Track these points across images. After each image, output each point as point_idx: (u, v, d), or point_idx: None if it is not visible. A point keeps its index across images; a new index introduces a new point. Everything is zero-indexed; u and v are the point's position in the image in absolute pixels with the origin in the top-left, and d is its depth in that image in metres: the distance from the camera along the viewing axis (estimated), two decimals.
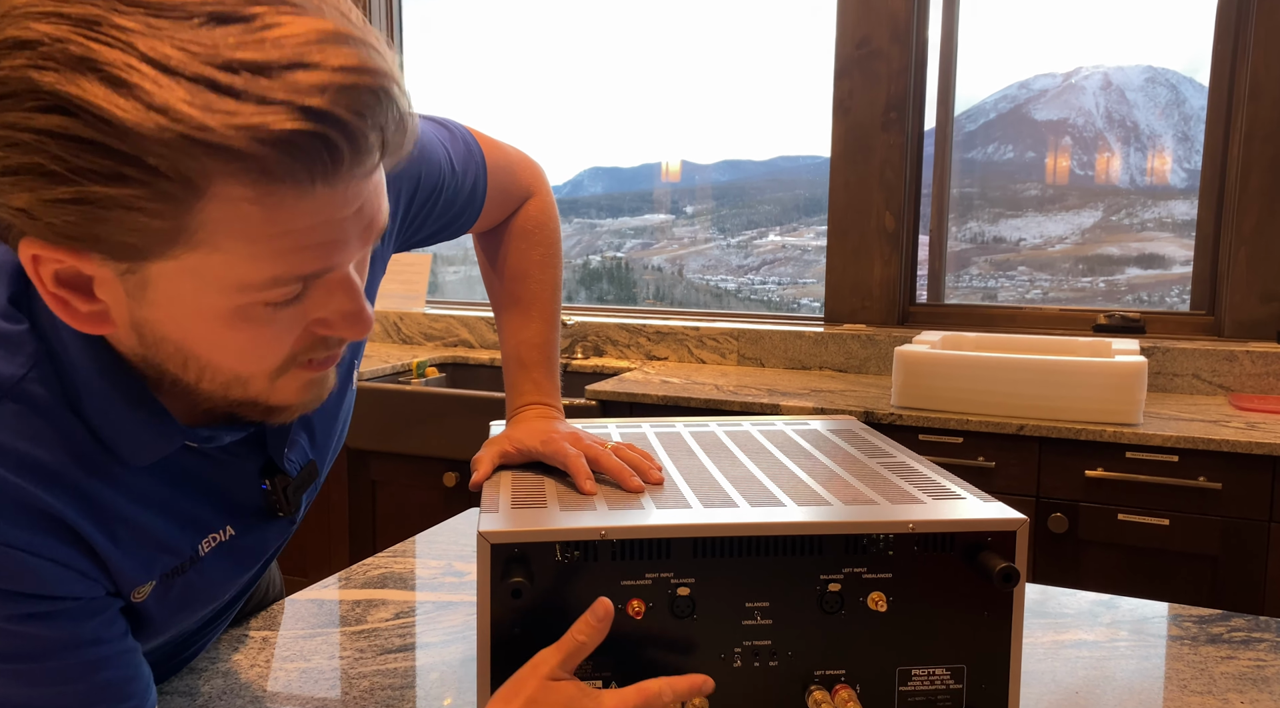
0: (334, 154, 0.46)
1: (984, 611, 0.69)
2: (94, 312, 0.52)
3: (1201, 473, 1.84)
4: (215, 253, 0.48)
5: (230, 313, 0.51)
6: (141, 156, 0.43)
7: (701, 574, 0.67)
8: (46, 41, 0.42)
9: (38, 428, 0.54)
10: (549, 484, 0.78)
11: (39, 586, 0.54)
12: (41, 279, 0.50)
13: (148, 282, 0.50)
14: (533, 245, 0.89)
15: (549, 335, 0.90)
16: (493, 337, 3.03)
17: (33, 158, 0.43)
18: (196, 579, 0.66)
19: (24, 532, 0.53)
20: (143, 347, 0.54)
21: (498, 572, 0.65)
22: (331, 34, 0.45)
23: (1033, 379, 1.98)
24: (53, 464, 0.54)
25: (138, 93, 0.42)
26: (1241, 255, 2.31)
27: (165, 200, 0.45)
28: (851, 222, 2.66)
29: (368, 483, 2.60)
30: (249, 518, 0.69)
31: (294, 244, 0.49)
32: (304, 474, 0.73)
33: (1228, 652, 0.95)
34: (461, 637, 0.98)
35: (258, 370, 0.55)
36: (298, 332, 0.55)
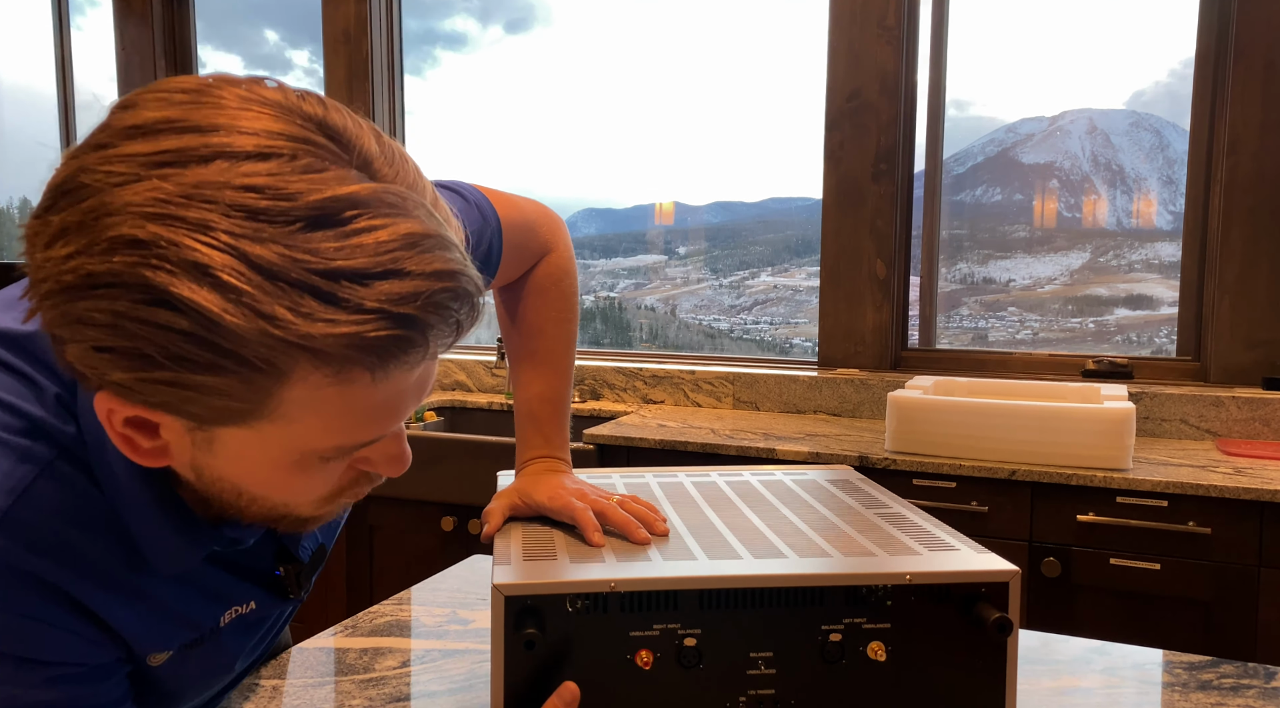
0: (415, 348, 0.50)
1: (979, 659, 0.71)
2: (155, 448, 0.54)
3: (1191, 518, 1.87)
4: (289, 424, 0.51)
5: (289, 465, 0.55)
6: (240, 353, 0.46)
7: (707, 625, 0.69)
8: (161, 244, 0.44)
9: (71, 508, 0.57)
10: (558, 536, 0.80)
11: (38, 650, 0.56)
12: (111, 423, 0.52)
13: (215, 439, 0.53)
14: (548, 302, 0.92)
15: (561, 390, 0.93)
16: (490, 380, 3.06)
17: (135, 343, 0.46)
18: (213, 650, 0.69)
19: (33, 602, 0.55)
20: (199, 483, 0.58)
21: (511, 623, 0.67)
22: (419, 237, 0.48)
23: (1024, 425, 2.01)
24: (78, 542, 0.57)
25: (245, 299, 0.45)
26: (1225, 304, 2.36)
27: (253, 387, 0.48)
28: (844, 269, 2.72)
29: (365, 528, 2.60)
30: (266, 595, 0.72)
31: (361, 420, 0.52)
32: (314, 559, 0.76)
33: (1217, 698, 0.97)
34: (467, 685, 1.00)
35: (304, 502, 0.59)
36: (341, 471, 0.59)
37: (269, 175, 0.46)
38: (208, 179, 0.45)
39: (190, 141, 0.46)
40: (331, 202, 0.46)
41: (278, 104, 0.49)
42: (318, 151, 0.48)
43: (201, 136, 0.46)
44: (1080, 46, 2.74)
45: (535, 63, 3.43)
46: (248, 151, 0.46)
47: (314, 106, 0.49)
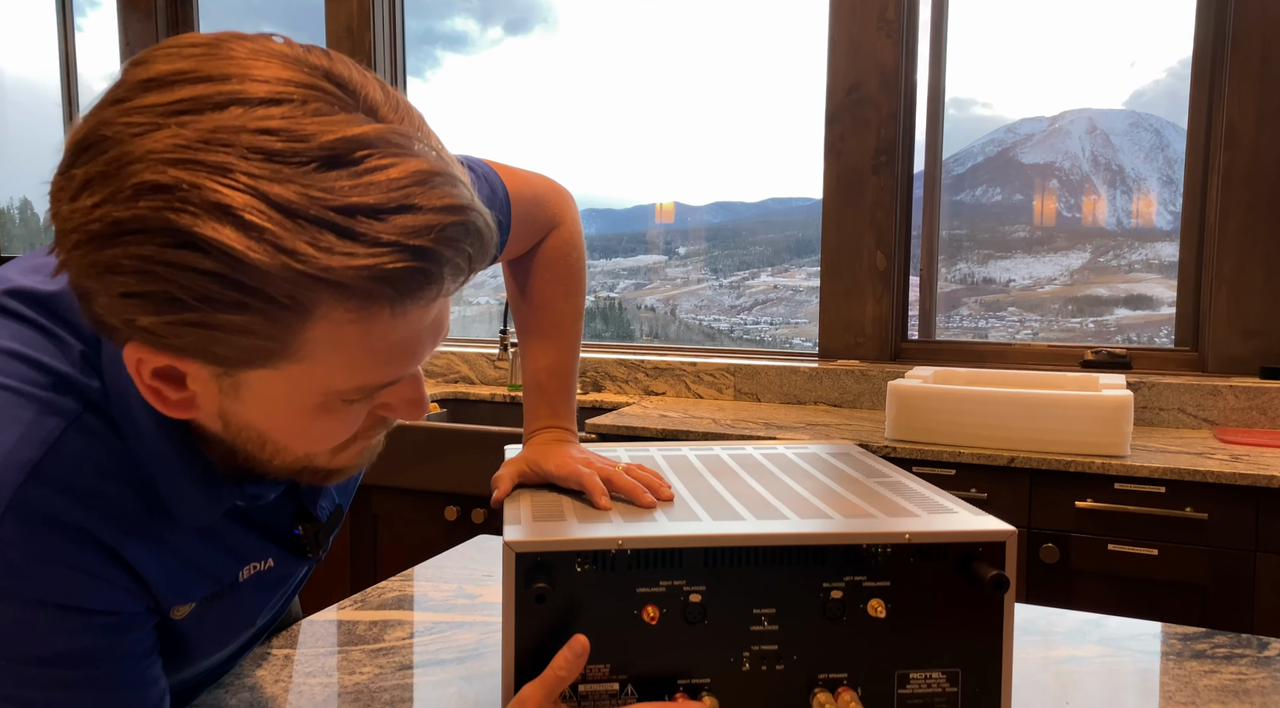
0: (431, 280, 0.52)
1: (977, 617, 0.73)
2: (183, 399, 0.56)
3: (1188, 504, 1.89)
4: (313, 365, 0.53)
5: (313, 408, 0.56)
6: (265, 289, 0.48)
7: (712, 582, 0.71)
8: (184, 187, 0.46)
9: (101, 459, 0.58)
10: (566, 502, 0.82)
11: (77, 598, 0.57)
12: (140, 374, 0.54)
13: (241, 383, 0.55)
14: (556, 276, 0.94)
15: (568, 363, 0.95)
16: (493, 373, 3.08)
17: (163, 286, 0.48)
18: (233, 604, 0.71)
19: (69, 550, 0.57)
20: (226, 432, 0.59)
21: (522, 579, 0.69)
22: (428, 174, 0.50)
23: (1023, 413, 2.03)
24: (107, 492, 0.59)
25: (267, 237, 0.46)
26: (1222, 295, 2.38)
27: (277, 324, 0.50)
28: (844, 261, 2.74)
29: (369, 517, 2.62)
30: (284, 553, 0.74)
31: (382, 359, 0.54)
32: (332, 518, 0.78)
33: (1211, 666, 0.99)
34: (477, 654, 1.02)
35: (324, 449, 0.61)
36: (363, 417, 0.60)
37: (283, 118, 0.48)
38: (224, 124, 0.47)
39: (205, 90, 0.48)
40: (343, 142, 0.48)
41: (285, 55, 0.51)
42: (326, 97, 0.50)
43: (215, 85, 0.48)
44: (1080, 46, 2.76)
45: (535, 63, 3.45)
46: (261, 98, 0.48)
47: (320, 58, 0.52)
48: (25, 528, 0.54)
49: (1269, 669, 0.98)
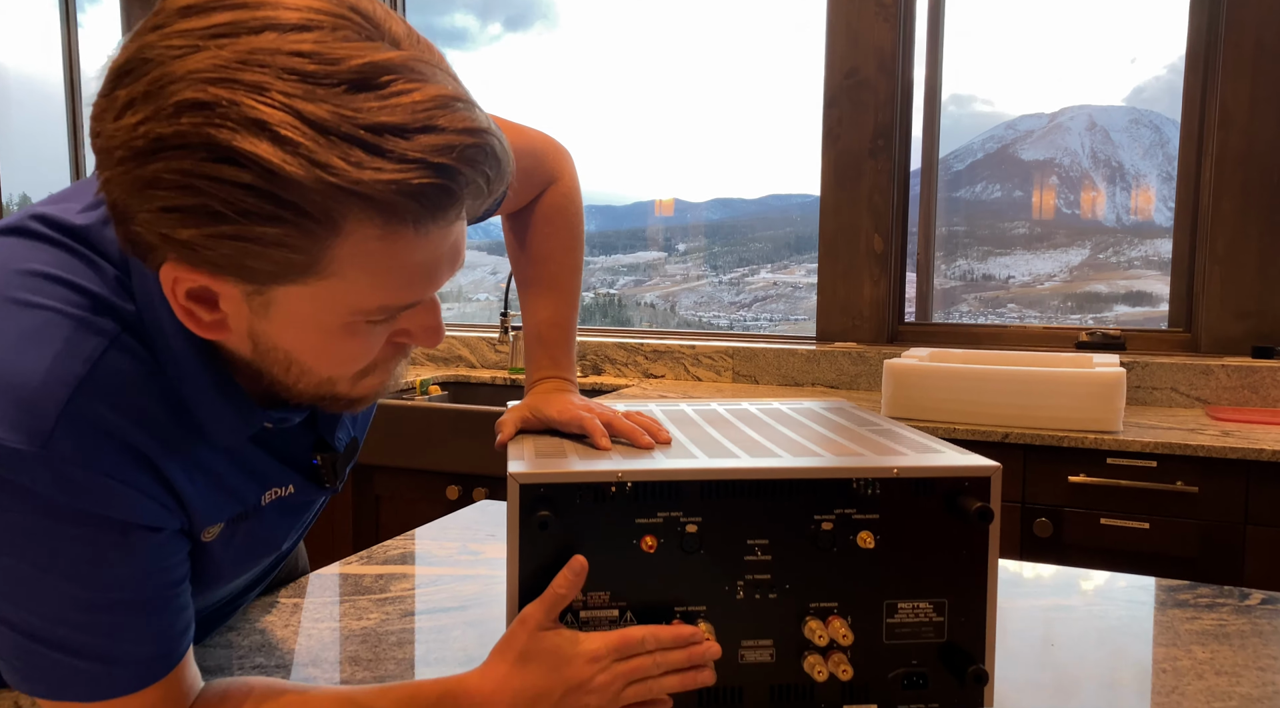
0: (452, 198, 0.55)
1: (962, 549, 0.76)
2: (215, 321, 0.59)
3: (1179, 478, 1.92)
4: (339, 282, 0.56)
5: (338, 329, 0.59)
6: (299, 202, 0.51)
7: (708, 514, 0.74)
8: (223, 104, 0.49)
9: (139, 377, 0.61)
10: (568, 444, 0.85)
11: (123, 511, 0.60)
12: (175, 294, 0.57)
13: (272, 302, 0.58)
14: (556, 229, 0.97)
15: (568, 315, 0.98)
16: (494, 357, 3.11)
17: (202, 200, 0.51)
18: (257, 528, 0.73)
19: (118, 463, 0.59)
20: (254, 353, 0.62)
21: (526, 508, 0.72)
22: (449, 99, 0.54)
23: (1017, 389, 2.06)
24: (148, 408, 0.61)
25: (301, 151, 0.49)
26: (1216, 275, 2.41)
27: (309, 238, 0.53)
28: (841, 244, 2.76)
29: (372, 497, 2.65)
30: (303, 481, 0.77)
31: (404, 279, 0.57)
32: (348, 450, 0.81)
33: (1193, 614, 1.02)
34: (480, 602, 1.05)
35: (347, 374, 0.64)
36: (383, 342, 0.63)
37: (315, 43, 0.51)
38: (260, 47, 0.50)
39: (241, 15, 0.51)
40: (370, 67, 0.52)
41: None
42: (354, 26, 0.53)
43: (250, 11, 0.52)
44: (1080, 43, 2.78)
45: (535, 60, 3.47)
46: (293, 23, 0.52)
47: None
48: (78, 440, 0.57)
49: (1249, 616, 1.01)
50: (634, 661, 0.69)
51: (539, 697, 0.66)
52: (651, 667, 0.69)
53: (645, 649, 0.70)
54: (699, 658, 0.71)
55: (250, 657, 0.89)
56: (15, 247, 0.63)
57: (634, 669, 0.69)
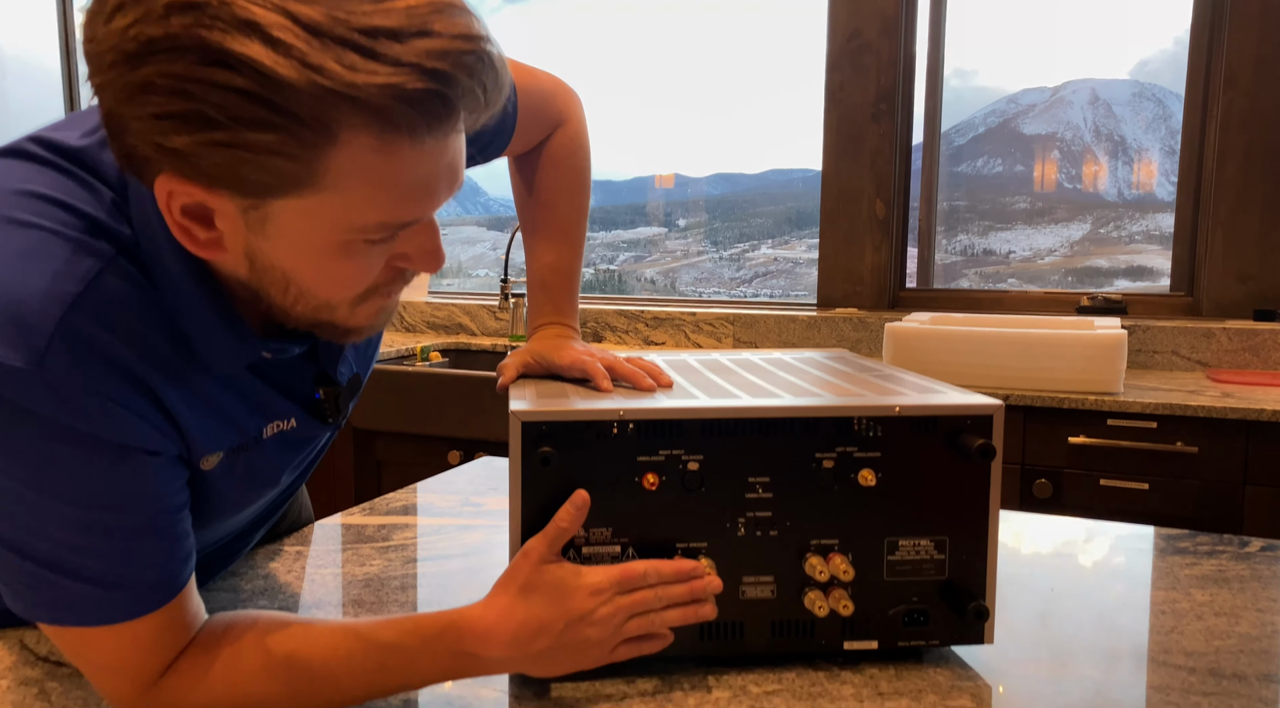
0: (448, 107, 0.54)
1: (963, 487, 0.76)
2: (211, 239, 0.59)
3: (1179, 438, 1.92)
4: (336, 195, 0.55)
5: (335, 247, 0.59)
6: (292, 107, 0.50)
7: (709, 452, 0.74)
8: (214, 4, 0.48)
9: (135, 301, 0.61)
10: (569, 387, 0.85)
11: (120, 433, 0.59)
12: (170, 210, 0.57)
13: (268, 217, 0.57)
14: (561, 174, 0.96)
15: (572, 262, 0.97)
16: (494, 324, 3.11)
17: (195, 105, 0.50)
18: (258, 461, 0.73)
19: (112, 384, 0.59)
20: (251, 273, 0.61)
21: (529, 445, 0.72)
22: (444, 5, 0.53)
23: (1018, 352, 2.06)
24: (143, 332, 0.61)
25: (295, 53, 0.49)
26: (1218, 238, 2.40)
27: (304, 146, 0.52)
28: (842, 209, 2.75)
29: (373, 462, 2.66)
30: (306, 416, 0.77)
31: (401, 194, 0.57)
32: (350, 384, 0.81)
33: (1192, 560, 1.02)
34: (483, 550, 1.05)
35: (345, 297, 0.63)
36: (382, 265, 0.63)
37: None
38: None
39: None
40: None
41: None
42: None
43: None
44: (1083, 15, 2.75)
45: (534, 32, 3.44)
46: None
47: None
48: (72, 358, 0.56)
49: (1248, 563, 1.01)
50: (636, 594, 0.69)
51: (541, 629, 0.67)
52: (653, 600, 0.70)
53: (647, 583, 0.70)
54: (700, 592, 0.71)
55: (254, 600, 0.90)
56: (13, 168, 0.62)
57: (635, 603, 0.69)
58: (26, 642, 0.80)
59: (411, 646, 0.66)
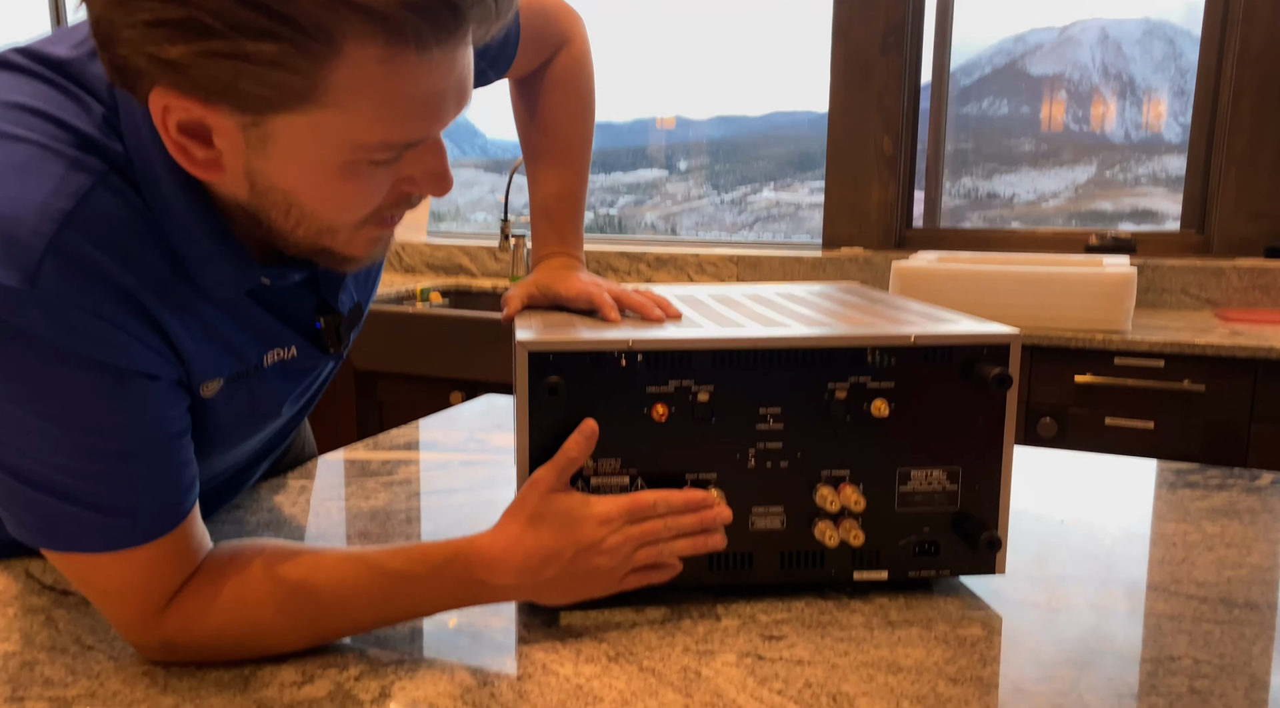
0: (457, 17, 0.51)
1: (978, 417, 0.75)
2: (209, 158, 0.56)
3: (1186, 376, 1.91)
4: (339, 112, 0.52)
5: (339, 167, 0.56)
6: (294, 15, 0.47)
7: (720, 382, 0.73)
8: None
9: (129, 220, 0.58)
10: (576, 318, 0.84)
11: (117, 355, 0.58)
12: (166, 126, 0.54)
13: (269, 135, 0.54)
14: (564, 97, 0.93)
15: (576, 188, 0.95)
16: (494, 265, 3.08)
17: (192, 13, 0.47)
18: (259, 388, 0.72)
19: (107, 305, 0.57)
20: (252, 194, 0.59)
21: (536, 376, 0.71)
22: None
23: (1026, 290, 2.04)
24: (137, 252, 0.59)
25: None
26: (1231, 174, 2.36)
27: (306, 57, 0.49)
28: (849, 146, 2.70)
29: (375, 403, 2.66)
30: (307, 345, 0.75)
31: (407, 110, 0.54)
32: (352, 314, 0.79)
33: (1203, 493, 1.02)
34: (488, 485, 1.05)
35: (348, 221, 0.61)
36: (387, 188, 0.60)
37: None
38: None
39: None
40: None
41: None
42: None
43: None
44: None
45: None
46: None
47: None
48: (66, 277, 0.55)
49: (1259, 496, 1.00)
50: (645, 524, 0.69)
51: (550, 557, 0.66)
52: (663, 530, 0.69)
53: (656, 513, 0.69)
54: (709, 522, 0.71)
55: (258, 533, 0.90)
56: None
57: (645, 532, 0.68)
58: (32, 571, 0.80)
59: (420, 573, 0.65)
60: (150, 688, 0.62)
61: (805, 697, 0.61)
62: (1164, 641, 0.69)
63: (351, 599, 0.65)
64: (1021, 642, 0.69)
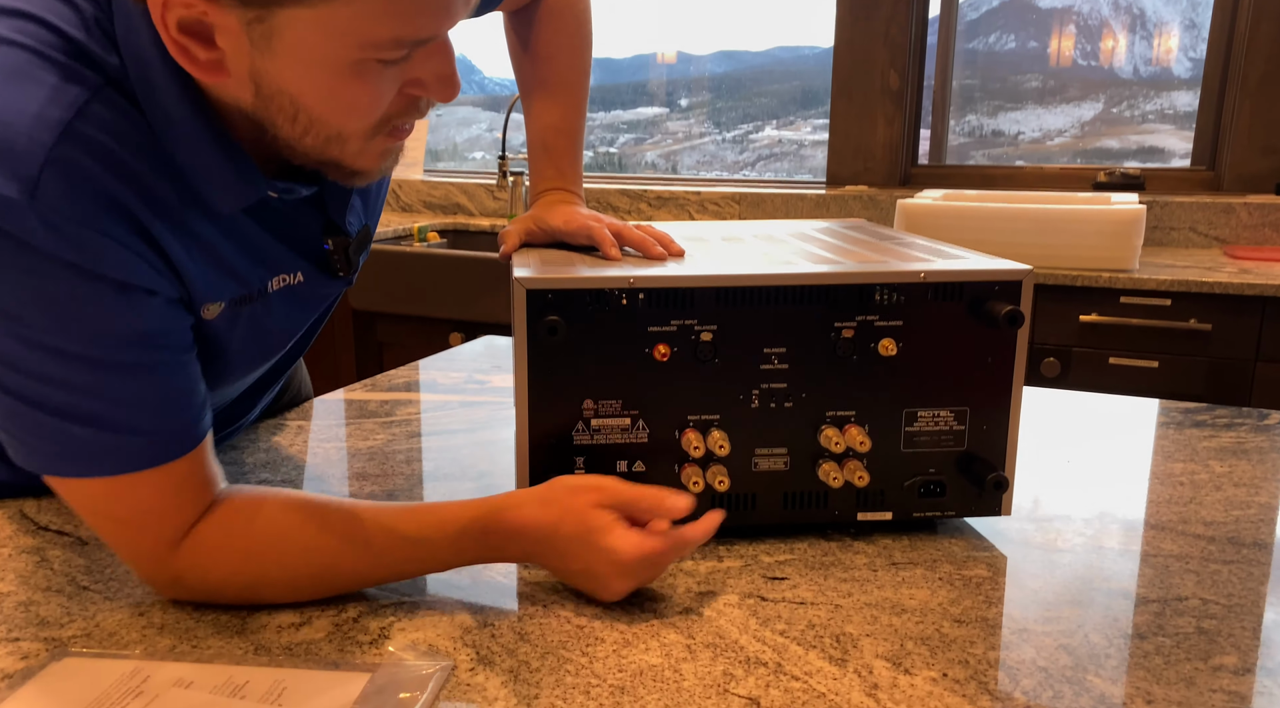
0: None
1: (988, 356, 0.73)
2: (212, 60, 0.53)
3: (1193, 315, 1.89)
4: (346, 6, 0.50)
5: (347, 67, 0.54)
6: None
7: (723, 322, 0.71)
8: None
9: (127, 133, 0.56)
10: (576, 255, 0.81)
11: (116, 269, 0.55)
12: (166, 25, 0.51)
13: (274, 32, 0.52)
14: (562, 26, 0.89)
15: (575, 121, 0.91)
16: (492, 204, 3.04)
17: None
18: (263, 314, 0.70)
19: (106, 218, 0.54)
20: (257, 98, 0.56)
21: (534, 314, 0.69)
22: None
23: (1033, 228, 2.01)
24: (135, 167, 0.56)
25: None
26: (1246, 108, 2.30)
27: None
28: (855, 81, 2.64)
29: (374, 344, 2.64)
30: (314, 270, 0.73)
31: (416, 5, 0.52)
32: (360, 236, 0.76)
33: (1210, 433, 1.01)
34: (489, 425, 1.03)
35: (357, 128, 0.58)
36: (395, 92, 0.58)
37: None
38: None
39: None
40: None
41: None
42: None
43: None
44: None
45: None
46: None
47: None
48: (66, 189, 0.52)
49: (1268, 435, 0.99)
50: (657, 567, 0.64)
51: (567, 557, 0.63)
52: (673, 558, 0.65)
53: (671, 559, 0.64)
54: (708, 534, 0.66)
55: (256, 472, 0.89)
56: None
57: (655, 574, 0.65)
58: (26, 511, 0.79)
59: (436, 539, 0.63)
60: (146, 629, 0.61)
61: (808, 638, 0.60)
62: (1171, 581, 0.68)
63: (366, 560, 0.63)
64: (1026, 582, 0.68)
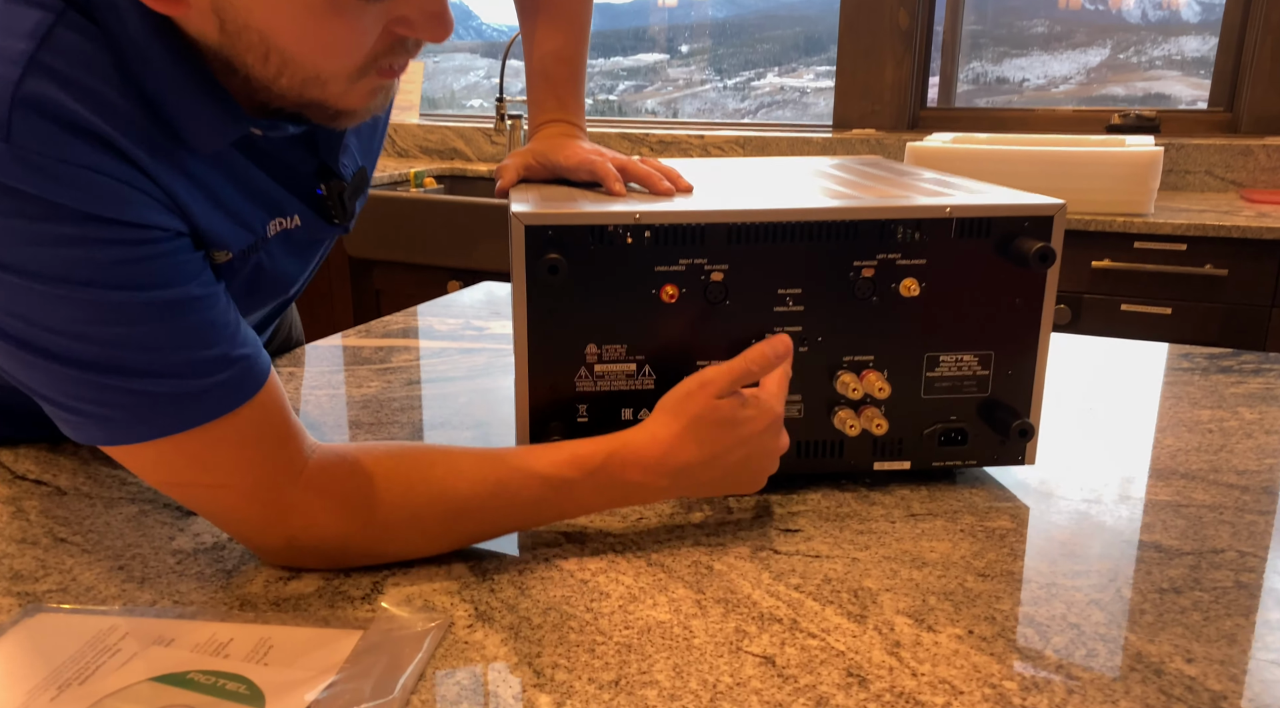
0: None
1: (1015, 297, 0.69)
2: None
3: (1209, 260, 1.85)
4: None
5: (321, 3, 0.49)
6: None
7: (735, 260, 0.67)
8: None
9: (98, 62, 0.51)
10: (577, 191, 0.77)
11: (119, 209, 0.50)
12: None
13: None
14: None
15: (577, 49, 0.86)
16: (490, 149, 2.96)
17: None
18: (265, 262, 0.66)
19: (88, 152, 0.50)
20: (222, 34, 0.51)
21: (533, 253, 0.65)
22: None
23: (1046, 171, 1.95)
24: (113, 98, 0.51)
25: None
26: (1267, 46, 2.23)
27: None
28: (863, 19, 2.55)
29: (372, 292, 2.60)
30: (310, 214, 0.68)
31: None
32: (356, 180, 0.72)
33: (1238, 378, 0.97)
34: (487, 373, 1.00)
35: (339, 70, 0.53)
36: (379, 31, 0.53)
37: None
38: None
39: None
40: None
41: None
42: None
43: None
44: None
45: None
46: None
47: None
48: (40, 125, 0.48)
49: None
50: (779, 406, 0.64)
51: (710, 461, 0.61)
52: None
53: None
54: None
55: None
56: None
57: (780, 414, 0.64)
58: (3, 459, 0.76)
59: (573, 477, 0.60)
60: (126, 583, 0.58)
61: (825, 593, 0.57)
62: (1205, 532, 0.65)
63: (495, 504, 0.59)
64: (1053, 534, 0.65)
